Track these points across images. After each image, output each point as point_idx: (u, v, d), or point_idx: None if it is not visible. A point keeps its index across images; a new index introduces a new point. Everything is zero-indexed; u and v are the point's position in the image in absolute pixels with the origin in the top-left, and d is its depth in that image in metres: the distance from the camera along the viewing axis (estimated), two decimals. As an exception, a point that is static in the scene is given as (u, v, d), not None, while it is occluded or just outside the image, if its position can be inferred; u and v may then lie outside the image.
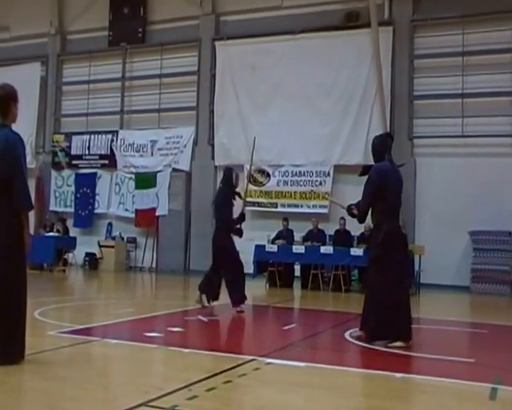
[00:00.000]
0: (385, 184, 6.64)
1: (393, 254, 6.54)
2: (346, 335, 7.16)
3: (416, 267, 13.81)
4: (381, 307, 6.51)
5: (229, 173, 9.55)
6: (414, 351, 6.52)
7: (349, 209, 7.27)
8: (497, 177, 14.68)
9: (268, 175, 17.03)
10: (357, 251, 13.36)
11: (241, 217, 9.62)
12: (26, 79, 18.49)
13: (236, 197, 9.55)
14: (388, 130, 15.47)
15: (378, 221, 6.73)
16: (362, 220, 7.06)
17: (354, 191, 15.87)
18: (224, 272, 9.27)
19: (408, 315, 6.57)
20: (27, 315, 5.20)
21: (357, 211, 7.05)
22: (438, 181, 15.24)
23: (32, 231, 5.85)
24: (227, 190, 9.45)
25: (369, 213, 6.83)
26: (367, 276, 7.52)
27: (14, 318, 4.99)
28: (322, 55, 16.40)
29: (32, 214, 5.34)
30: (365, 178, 6.95)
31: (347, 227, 14.34)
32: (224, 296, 9.41)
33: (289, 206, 16.58)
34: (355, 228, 14.32)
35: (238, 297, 9.20)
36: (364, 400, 4.47)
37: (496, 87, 14.95)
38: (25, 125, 17.02)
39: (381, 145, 6.97)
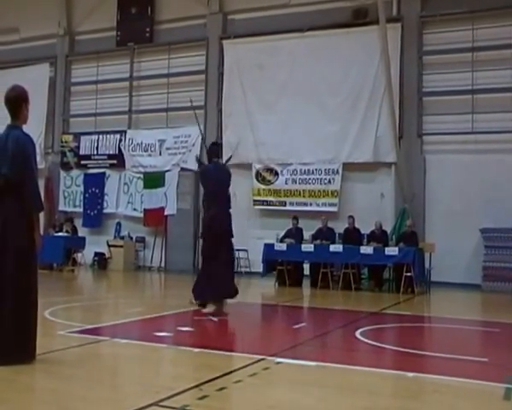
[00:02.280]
0: (206, 181, 9.13)
1: (214, 232, 8.63)
2: (357, 334, 7.11)
3: (427, 265, 13.72)
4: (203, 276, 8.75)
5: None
6: (426, 350, 6.48)
7: None
8: (508, 173, 14.53)
9: (276, 173, 16.98)
10: (367, 249, 13.29)
11: None
12: (35, 80, 18.50)
13: None
14: (397, 127, 15.43)
15: (206, 208, 9.00)
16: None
17: (363, 189, 15.99)
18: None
19: (221, 282, 8.57)
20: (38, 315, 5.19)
21: None
22: (448, 178, 15.13)
23: (41, 231, 5.87)
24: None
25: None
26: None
27: (25, 318, 5.00)
28: (330, 53, 16.33)
29: (41, 215, 5.34)
30: None
31: (357, 225, 14.28)
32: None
33: (298, 204, 16.52)
34: (365, 226, 14.32)
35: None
36: (376, 399, 4.41)
37: (506, 83, 14.82)
38: (34, 125, 17.05)
39: (209, 151, 9.56)
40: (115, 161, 19.34)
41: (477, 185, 14.74)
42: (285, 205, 16.79)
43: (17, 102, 5.19)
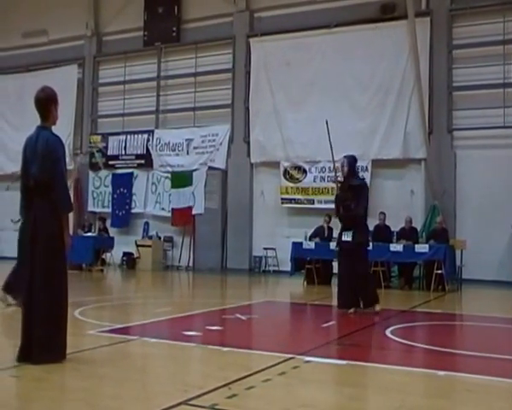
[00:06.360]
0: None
1: None
2: (387, 332, 7.02)
3: (458, 262, 13.52)
4: None
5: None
6: (457, 348, 6.36)
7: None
8: (540, 168, 14.27)
9: (304, 171, 16.89)
10: (396, 247, 13.12)
11: None
12: (63, 82, 18.72)
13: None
14: (427, 122, 15.24)
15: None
16: None
17: (393, 186, 15.83)
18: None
19: None
20: (68, 315, 5.23)
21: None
22: (479, 174, 14.87)
23: (70, 231, 5.90)
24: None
25: None
26: None
27: (56, 317, 5.03)
28: (358, 49, 16.19)
29: (70, 215, 5.37)
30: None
31: (387, 222, 14.12)
32: (261, 293, 9.30)
33: (326, 202, 16.40)
34: (395, 223, 14.15)
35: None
36: (407, 398, 4.34)
37: (538, 76, 14.53)
38: (62, 126, 17.23)
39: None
40: (143, 161, 19.47)
41: (509, 181, 14.47)
42: (313, 203, 16.69)
43: (47, 103, 5.23)
